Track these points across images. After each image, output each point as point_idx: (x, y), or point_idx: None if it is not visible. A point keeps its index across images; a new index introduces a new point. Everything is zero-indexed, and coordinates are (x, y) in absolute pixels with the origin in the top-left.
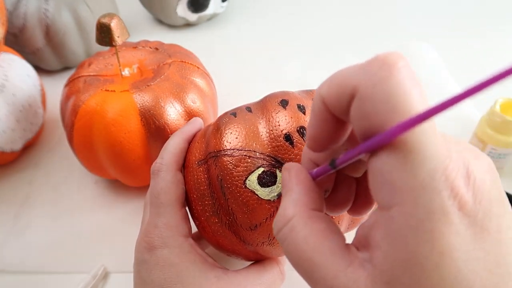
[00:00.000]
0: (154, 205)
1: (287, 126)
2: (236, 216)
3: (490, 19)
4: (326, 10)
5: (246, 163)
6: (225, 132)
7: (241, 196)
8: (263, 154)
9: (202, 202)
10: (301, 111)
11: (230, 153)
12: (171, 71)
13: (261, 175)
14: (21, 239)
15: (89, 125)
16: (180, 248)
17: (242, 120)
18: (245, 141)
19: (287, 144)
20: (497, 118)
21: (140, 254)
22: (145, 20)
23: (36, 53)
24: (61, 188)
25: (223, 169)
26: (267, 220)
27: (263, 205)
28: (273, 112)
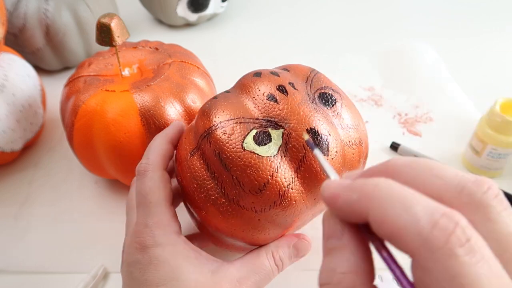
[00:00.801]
0: (143, 205)
1: (267, 89)
2: (243, 183)
3: (490, 19)
4: (325, 10)
5: (238, 129)
6: (212, 111)
7: (243, 159)
8: (253, 118)
9: (204, 188)
10: (275, 75)
11: (221, 125)
12: (171, 71)
13: (256, 136)
14: (21, 239)
15: (89, 125)
16: (173, 245)
17: (224, 98)
18: (232, 112)
19: (272, 102)
20: (497, 118)
21: (131, 256)
22: (145, 20)
23: (36, 53)
24: (61, 188)
25: (218, 142)
26: (273, 176)
27: (266, 162)
28: (250, 83)
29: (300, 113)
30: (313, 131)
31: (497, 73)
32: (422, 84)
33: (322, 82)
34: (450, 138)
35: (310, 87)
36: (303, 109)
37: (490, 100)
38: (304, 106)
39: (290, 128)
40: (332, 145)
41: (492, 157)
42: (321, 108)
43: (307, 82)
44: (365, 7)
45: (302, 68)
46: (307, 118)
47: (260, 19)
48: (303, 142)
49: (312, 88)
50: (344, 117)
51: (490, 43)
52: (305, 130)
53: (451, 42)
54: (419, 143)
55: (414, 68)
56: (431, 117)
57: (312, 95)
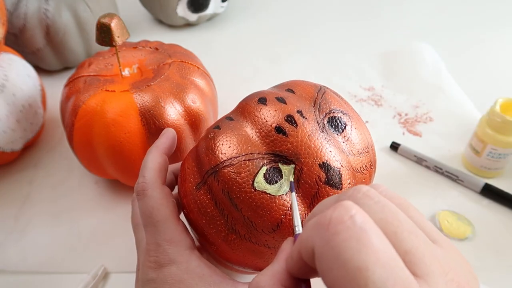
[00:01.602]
0: (150, 225)
1: (274, 119)
2: (255, 223)
3: (490, 19)
4: (326, 10)
5: (247, 167)
6: (216, 145)
7: (254, 200)
8: (261, 153)
9: (214, 224)
10: (281, 102)
11: (228, 163)
12: (171, 71)
13: (266, 174)
14: (21, 239)
15: (89, 125)
16: (188, 263)
17: (228, 129)
18: (239, 147)
19: (280, 135)
20: (497, 118)
21: (145, 275)
22: (145, 20)
23: (36, 53)
24: (61, 188)
25: (226, 181)
26: (286, 216)
27: (278, 202)
28: (255, 112)
29: (311, 147)
30: (326, 166)
31: (497, 73)
32: (422, 84)
33: (330, 103)
34: (450, 138)
35: (318, 112)
36: (313, 142)
37: (490, 100)
38: (314, 137)
39: (302, 163)
40: (345, 177)
41: (492, 157)
42: (331, 135)
43: (315, 106)
44: (365, 8)
45: (308, 88)
46: (319, 151)
47: (260, 19)
48: (316, 178)
49: (321, 113)
50: (355, 142)
51: (490, 43)
52: (317, 165)
53: (451, 42)
54: (419, 143)
55: (414, 68)
56: (431, 117)
57: (322, 121)
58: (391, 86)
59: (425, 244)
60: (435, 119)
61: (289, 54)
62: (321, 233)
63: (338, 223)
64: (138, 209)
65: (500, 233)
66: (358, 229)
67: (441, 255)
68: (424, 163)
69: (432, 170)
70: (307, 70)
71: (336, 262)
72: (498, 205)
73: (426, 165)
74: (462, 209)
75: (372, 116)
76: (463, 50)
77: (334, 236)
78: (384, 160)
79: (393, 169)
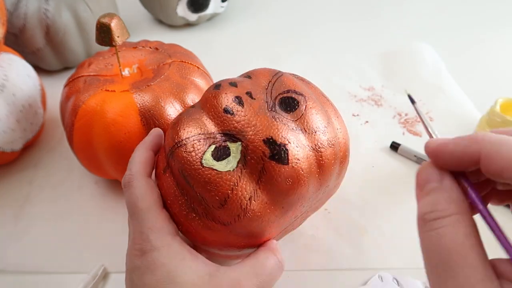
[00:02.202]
0: (135, 214)
1: (224, 101)
2: (206, 199)
3: (490, 19)
4: (326, 10)
5: (198, 146)
6: (174, 129)
7: (202, 176)
8: (212, 134)
9: (178, 203)
10: (233, 85)
11: (182, 143)
12: (171, 71)
13: (214, 152)
14: (21, 239)
15: (89, 125)
16: (168, 247)
17: (185, 115)
18: (193, 129)
19: (228, 115)
20: (497, 118)
21: (131, 263)
22: (145, 20)
23: (36, 53)
24: (61, 188)
25: (180, 160)
26: (234, 190)
27: (225, 177)
28: (210, 97)
29: (256, 124)
30: (270, 141)
31: (497, 73)
32: (422, 84)
33: (284, 85)
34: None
35: (270, 94)
36: (259, 119)
37: (490, 100)
38: (261, 115)
39: (247, 140)
40: (292, 153)
41: None
42: (280, 114)
43: (267, 88)
44: (365, 8)
45: (265, 73)
46: (264, 127)
47: (260, 19)
48: (261, 153)
49: (272, 95)
50: (309, 120)
51: (490, 43)
52: (261, 141)
53: (451, 42)
54: (419, 143)
55: (414, 68)
56: (431, 117)
57: (272, 101)
58: (391, 86)
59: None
60: (435, 119)
61: (289, 54)
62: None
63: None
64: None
65: None
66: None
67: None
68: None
69: None
70: (307, 70)
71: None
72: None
73: None
74: None
75: (372, 116)
76: (463, 50)
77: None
78: (384, 160)
79: (393, 169)
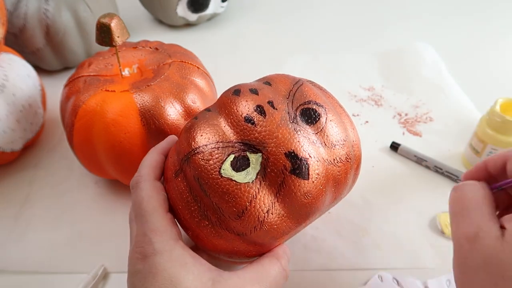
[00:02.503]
0: (139, 215)
1: (245, 110)
2: (222, 209)
3: (490, 19)
4: (326, 10)
5: (216, 154)
6: (191, 134)
7: (220, 186)
8: (231, 142)
9: (189, 209)
10: (254, 93)
11: (199, 150)
12: (171, 71)
13: (234, 161)
14: (21, 239)
15: (89, 125)
16: (171, 251)
17: (203, 119)
18: (211, 136)
19: (249, 125)
20: (497, 118)
21: (133, 266)
22: (145, 20)
23: (36, 53)
24: (61, 188)
25: (196, 167)
26: (252, 202)
27: (244, 189)
28: (229, 103)
29: (278, 136)
30: (292, 155)
31: (497, 73)
32: (422, 84)
33: (305, 96)
34: (450, 138)
35: (291, 104)
36: (281, 131)
37: (490, 100)
38: (283, 127)
39: (268, 152)
40: (312, 168)
41: None
42: (302, 127)
43: (288, 97)
44: (365, 7)
45: (285, 81)
46: (286, 140)
47: (260, 19)
48: (281, 167)
49: (293, 105)
50: (329, 134)
51: (490, 43)
52: (283, 154)
53: (451, 42)
54: (419, 143)
55: (414, 68)
56: (431, 117)
57: (293, 112)
58: (391, 86)
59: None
60: (435, 119)
61: (289, 54)
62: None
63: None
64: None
65: None
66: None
67: None
68: (424, 163)
69: (432, 170)
70: (307, 70)
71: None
72: None
73: (426, 165)
74: None
75: (372, 116)
76: (463, 50)
77: None
78: (384, 160)
79: (393, 169)
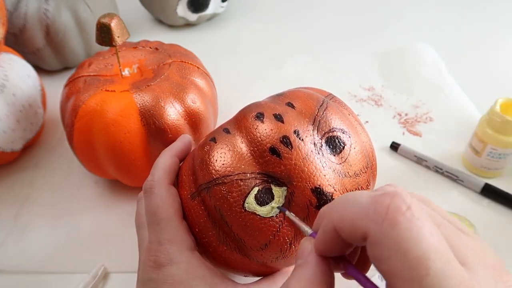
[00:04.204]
0: (154, 223)
1: (270, 139)
2: (244, 241)
3: (490, 19)
4: (326, 10)
5: (239, 186)
6: (210, 160)
7: (243, 220)
8: (254, 173)
9: (206, 234)
10: (279, 120)
11: (220, 181)
12: (171, 71)
13: (258, 195)
14: (21, 239)
15: (89, 125)
16: (188, 263)
17: (223, 144)
18: (232, 165)
19: (274, 157)
20: (497, 118)
21: (146, 274)
22: (145, 20)
23: (36, 53)
24: (61, 188)
25: (218, 198)
26: (275, 236)
27: (267, 223)
28: (251, 128)
29: (304, 171)
30: (318, 191)
31: (497, 73)
32: (422, 84)
33: (330, 121)
34: (450, 138)
35: (317, 131)
36: (307, 166)
37: (490, 100)
38: (309, 161)
39: (294, 187)
40: None
41: (492, 157)
42: (327, 157)
43: (313, 124)
44: (365, 7)
45: (309, 103)
46: (312, 176)
47: (260, 19)
48: (307, 202)
49: (319, 132)
50: (352, 163)
51: (490, 43)
52: (309, 190)
53: (451, 42)
54: (419, 143)
55: (414, 68)
56: (431, 117)
57: (319, 141)
58: (391, 86)
59: (456, 234)
60: (435, 119)
61: (289, 54)
62: (377, 221)
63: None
64: (142, 209)
65: (500, 233)
66: (417, 220)
67: (470, 243)
68: (424, 163)
69: (432, 170)
70: (307, 70)
71: (396, 251)
72: (498, 205)
73: (426, 165)
74: (462, 209)
75: (372, 116)
76: (463, 50)
77: (394, 226)
78: (384, 160)
79: (393, 169)
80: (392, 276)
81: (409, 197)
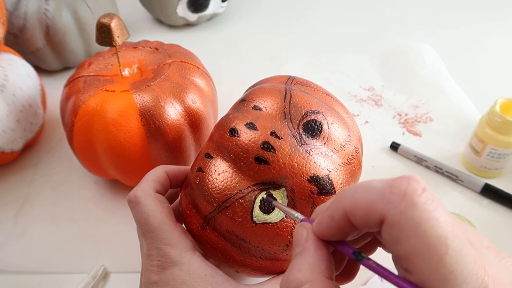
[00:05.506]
0: (148, 232)
1: (252, 150)
2: (266, 249)
3: (490, 19)
4: (326, 11)
5: (241, 205)
6: (206, 192)
7: (258, 233)
8: (250, 186)
9: (229, 255)
10: (252, 128)
11: (223, 206)
12: (171, 71)
13: (261, 205)
14: (21, 239)
15: (89, 125)
16: (190, 264)
17: (211, 171)
18: (228, 188)
19: (262, 165)
20: (497, 118)
21: (148, 279)
22: (145, 20)
23: (36, 53)
24: (61, 188)
25: (227, 223)
26: (292, 233)
27: (281, 226)
28: (231, 146)
29: (294, 166)
30: (314, 178)
31: (497, 73)
32: (422, 84)
33: (299, 108)
34: (450, 138)
35: (291, 123)
36: (296, 160)
37: (490, 100)
38: (295, 155)
39: (291, 184)
40: (335, 180)
41: (492, 157)
42: (311, 144)
43: (285, 118)
44: (365, 7)
45: (274, 98)
46: (303, 167)
47: (260, 19)
48: (308, 193)
49: (294, 123)
50: (335, 138)
51: (490, 43)
52: (306, 181)
53: (451, 42)
54: (419, 143)
55: (414, 68)
56: (431, 117)
57: (297, 131)
58: (391, 86)
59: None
60: (435, 119)
61: (289, 54)
62: (395, 203)
63: (414, 194)
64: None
65: (500, 233)
66: (433, 202)
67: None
68: (424, 163)
69: (432, 170)
70: (307, 70)
71: (415, 231)
72: (498, 205)
73: (426, 165)
74: (462, 209)
75: (372, 116)
76: (463, 50)
77: (412, 207)
78: (384, 160)
79: (393, 169)
80: (410, 257)
81: (422, 180)
